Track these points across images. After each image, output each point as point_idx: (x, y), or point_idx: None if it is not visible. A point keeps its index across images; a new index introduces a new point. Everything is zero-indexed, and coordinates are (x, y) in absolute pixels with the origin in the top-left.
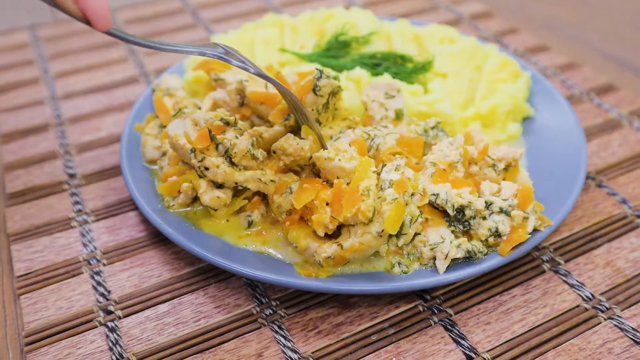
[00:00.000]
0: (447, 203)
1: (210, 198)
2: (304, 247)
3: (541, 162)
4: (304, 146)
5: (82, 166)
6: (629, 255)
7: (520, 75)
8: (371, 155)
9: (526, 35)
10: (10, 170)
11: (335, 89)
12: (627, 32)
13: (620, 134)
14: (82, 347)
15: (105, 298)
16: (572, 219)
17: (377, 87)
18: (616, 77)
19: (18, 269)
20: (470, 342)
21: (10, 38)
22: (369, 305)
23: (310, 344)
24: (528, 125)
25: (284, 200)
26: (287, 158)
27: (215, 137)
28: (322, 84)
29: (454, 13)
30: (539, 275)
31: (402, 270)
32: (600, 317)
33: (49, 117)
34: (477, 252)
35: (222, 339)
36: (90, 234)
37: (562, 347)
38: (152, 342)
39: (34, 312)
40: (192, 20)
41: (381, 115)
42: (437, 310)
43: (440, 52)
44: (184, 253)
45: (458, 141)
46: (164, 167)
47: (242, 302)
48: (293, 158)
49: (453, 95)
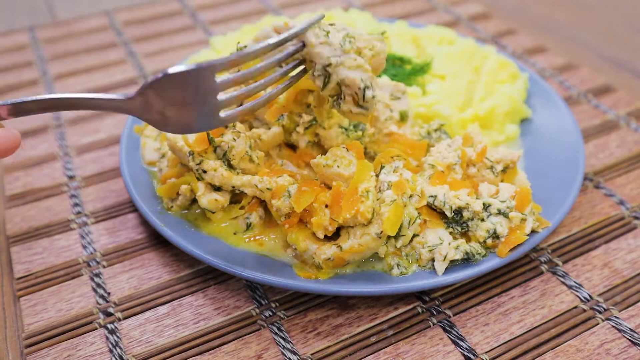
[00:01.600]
0: (445, 205)
1: (208, 201)
2: (303, 249)
3: (539, 163)
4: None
5: (81, 168)
6: (626, 256)
7: (518, 76)
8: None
9: (524, 37)
10: (10, 172)
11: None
12: (624, 33)
13: (617, 135)
14: (82, 349)
15: (105, 300)
16: (569, 220)
17: (383, 87)
18: (614, 79)
19: (18, 271)
20: (469, 343)
21: (9, 39)
22: (368, 307)
23: (310, 345)
24: (526, 126)
25: (283, 204)
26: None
27: (214, 140)
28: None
29: (452, 14)
30: (537, 276)
31: (400, 272)
32: (598, 318)
33: (48, 119)
34: (475, 254)
35: (222, 340)
36: (90, 235)
37: (560, 348)
38: (152, 343)
39: (34, 314)
40: (191, 21)
41: (386, 116)
42: (436, 311)
43: (438, 54)
44: (183, 255)
45: (456, 143)
46: (162, 169)
47: (242, 303)
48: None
49: (451, 97)
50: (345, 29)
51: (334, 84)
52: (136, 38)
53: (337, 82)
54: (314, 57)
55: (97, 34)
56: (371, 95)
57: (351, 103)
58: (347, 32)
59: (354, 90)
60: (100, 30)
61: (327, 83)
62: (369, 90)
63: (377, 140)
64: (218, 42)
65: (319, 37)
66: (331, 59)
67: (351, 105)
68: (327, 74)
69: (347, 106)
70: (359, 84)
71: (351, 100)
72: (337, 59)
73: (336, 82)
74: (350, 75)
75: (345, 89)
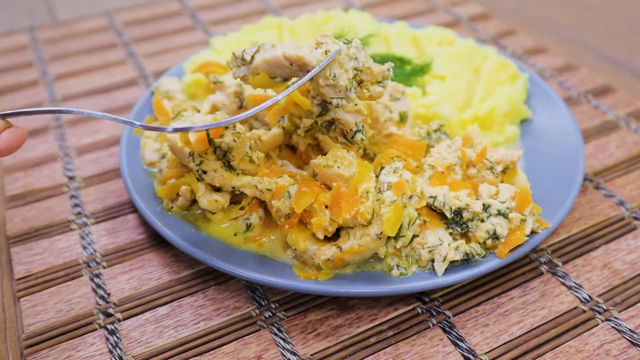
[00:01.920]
0: (445, 205)
1: (208, 201)
2: (303, 250)
3: (539, 164)
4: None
5: (81, 169)
6: (626, 257)
7: (518, 77)
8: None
9: (524, 37)
10: (10, 173)
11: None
12: (624, 33)
13: (617, 135)
14: (82, 350)
15: (105, 301)
16: (569, 220)
17: None
18: (613, 79)
19: (18, 271)
20: (468, 344)
21: (9, 40)
22: (367, 308)
23: (310, 346)
24: (526, 127)
25: (283, 205)
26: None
27: (214, 141)
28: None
29: (452, 15)
30: (537, 277)
31: (400, 273)
32: (597, 318)
33: (48, 119)
34: (475, 255)
35: (222, 341)
36: (90, 236)
37: (560, 349)
38: (151, 344)
39: (34, 314)
40: (191, 22)
41: (385, 117)
42: (436, 312)
43: (438, 54)
44: (183, 255)
45: (456, 144)
46: (163, 170)
47: (242, 304)
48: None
49: (451, 98)
50: (356, 59)
51: (329, 118)
52: (136, 38)
53: (333, 117)
54: (317, 90)
55: (97, 35)
56: (360, 138)
57: (340, 134)
58: (357, 64)
59: (347, 129)
60: (101, 30)
61: (323, 114)
62: (360, 133)
63: (376, 142)
64: (218, 43)
65: (327, 80)
66: (333, 101)
67: (339, 136)
68: (326, 108)
69: (336, 135)
70: (352, 126)
71: (340, 132)
72: (338, 101)
73: (332, 117)
74: (346, 117)
75: (338, 123)
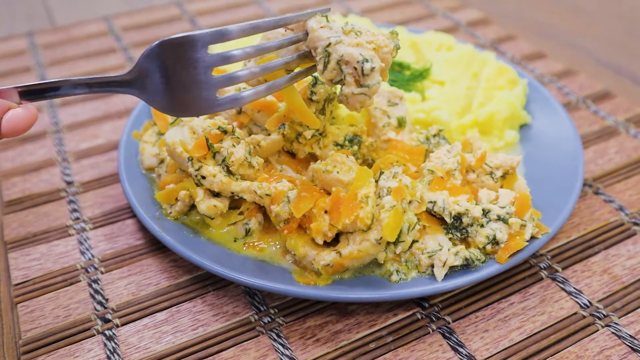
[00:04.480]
0: (444, 211)
1: (207, 207)
2: (302, 255)
3: (538, 169)
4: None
5: (79, 174)
6: (626, 262)
7: (517, 82)
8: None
9: (523, 43)
10: (8, 178)
11: (331, 95)
12: (622, 39)
13: (616, 140)
14: (79, 356)
15: (103, 306)
16: (569, 226)
17: (380, 94)
18: (612, 85)
19: (15, 277)
20: (468, 349)
21: (8, 45)
22: (367, 313)
23: (309, 352)
24: (525, 132)
25: (282, 210)
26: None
27: (213, 146)
28: (317, 90)
29: (451, 20)
30: (537, 282)
31: (400, 278)
32: (597, 324)
33: (46, 124)
34: (474, 260)
35: (221, 347)
36: (88, 241)
37: (560, 354)
38: (150, 350)
39: (31, 320)
40: (190, 27)
41: (384, 123)
42: (435, 317)
43: (437, 60)
44: (182, 261)
45: (456, 149)
46: (161, 175)
47: (241, 310)
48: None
49: (450, 103)
50: (351, 24)
51: (333, 64)
52: (135, 43)
53: (337, 60)
54: (315, 41)
55: (96, 40)
56: (370, 67)
57: (352, 84)
58: (352, 26)
59: (353, 65)
60: (99, 35)
61: (327, 63)
62: (368, 62)
63: (375, 148)
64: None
65: (320, 22)
66: (330, 39)
67: (352, 87)
68: (327, 54)
69: (349, 89)
70: (357, 57)
71: (352, 81)
72: (336, 38)
73: (336, 62)
74: (349, 50)
75: (345, 68)
